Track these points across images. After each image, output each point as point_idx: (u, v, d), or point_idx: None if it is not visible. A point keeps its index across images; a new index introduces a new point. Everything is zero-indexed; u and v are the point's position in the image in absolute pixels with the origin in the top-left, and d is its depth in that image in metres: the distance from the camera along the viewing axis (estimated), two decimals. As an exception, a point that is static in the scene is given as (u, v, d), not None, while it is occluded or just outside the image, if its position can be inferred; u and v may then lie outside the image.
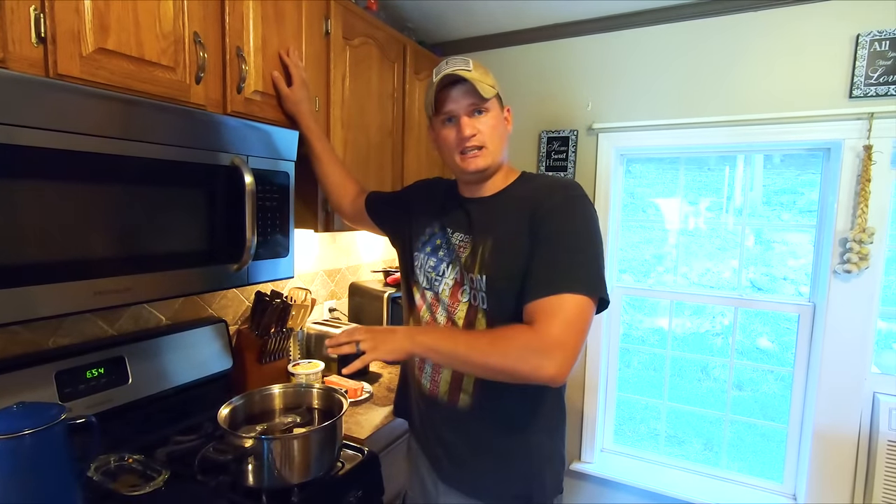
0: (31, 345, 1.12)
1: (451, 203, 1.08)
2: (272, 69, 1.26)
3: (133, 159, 0.95)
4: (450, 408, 1.02)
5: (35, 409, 0.87)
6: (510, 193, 1.01)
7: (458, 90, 0.95)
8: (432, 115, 1.01)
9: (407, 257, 1.13)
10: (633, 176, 2.21)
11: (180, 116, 1.03)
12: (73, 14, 0.85)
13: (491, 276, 0.94)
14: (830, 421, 1.73)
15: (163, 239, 1.02)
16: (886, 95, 1.59)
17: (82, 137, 0.86)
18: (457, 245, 1.02)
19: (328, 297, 2.01)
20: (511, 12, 2.01)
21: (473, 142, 0.96)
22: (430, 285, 1.05)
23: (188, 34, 1.05)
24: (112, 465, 1.07)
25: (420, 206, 1.14)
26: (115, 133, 0.91)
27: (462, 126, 0.95)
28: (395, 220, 1.20)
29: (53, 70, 0.83)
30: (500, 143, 0.99)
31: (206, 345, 1.42)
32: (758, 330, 3.44)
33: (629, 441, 2.30)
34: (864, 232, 1.62)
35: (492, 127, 0.97)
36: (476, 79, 0.93)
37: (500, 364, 0.82)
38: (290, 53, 1.30)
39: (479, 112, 0.96)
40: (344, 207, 1.37)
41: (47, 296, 0.84)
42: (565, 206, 0.91)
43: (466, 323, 0.98)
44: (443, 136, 1.00)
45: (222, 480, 1.04)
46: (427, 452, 1.10)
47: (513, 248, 0.92)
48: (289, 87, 1.29)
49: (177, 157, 1.03)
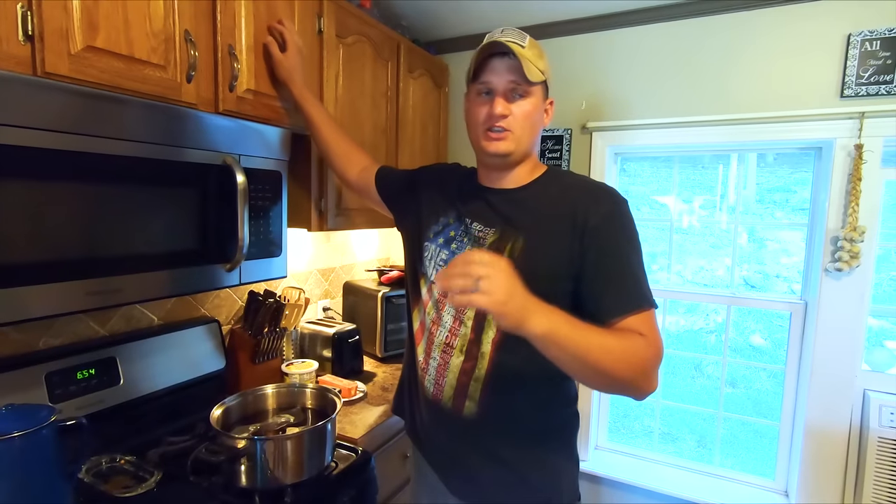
0: (22, 346, 1.11)
1: (470, 192, 1.00)
2: (264, 67, 1.25)
3: (123, 158, 0.94)
4: (454, 415, 0.95)
5: (24, 411, 0.87)
6: (543, 190, 0.94)
7: (504, 64, 0.87)
8: (469, 81, 0.93)
9: (415, 246, 1.05)
10: (628, 174, 2.22)
11: (171, 115, 1.03)
12: (61, 12, 0.84)
13: (520, 276, 0.89)
14: (822, 418, 1.75)
15: (154, 239, 1.02)
16: (877, 95, 1.60)
17: (71, 136, 0.86)
18: (475, 237, 0.94)
19: (322, 297, 2.00)
20: (504, 11, 2.00)
21: (501, 122, 0.89)
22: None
23: (179, 32, 1.04)
24: (104, 466, 1.06)
25: (432, 193, 1.06)
26: (104, 132, 0.90)
27: (495, 103, 0.88)
28: (403, 202, 1.13)
29: (41, 68, 0.82)
30: (531, 134, 0.92)
31: (199, 345, 1.41)
32: (751, 327, 3.46)
33: (623, 438, 2.31)
34: (855, 230, 1.63)
35: (526, 113, 0.90)
36: (527, 57, 0.85)
37: (628, 375, 0.76)
38: (286, 22, 1.25)
39: (518, 94, 0.89)
40: (349, 178, 1.28)
41: (37, 297, 0.84)
42: (620, 216, 0.88)
43: (476, 324, 0.92)
44: (473, 109, 0.93)
45: (215, 481, 1.03)
46: (430, 459, 1.04)
47: (551, 251, 0.87)
48: (282, 53, 1.24)
49: (168, 156, 1.02)
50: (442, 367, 0.96)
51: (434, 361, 0.97)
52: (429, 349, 0.99)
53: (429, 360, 0.99)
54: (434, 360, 0.97)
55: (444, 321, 0.96)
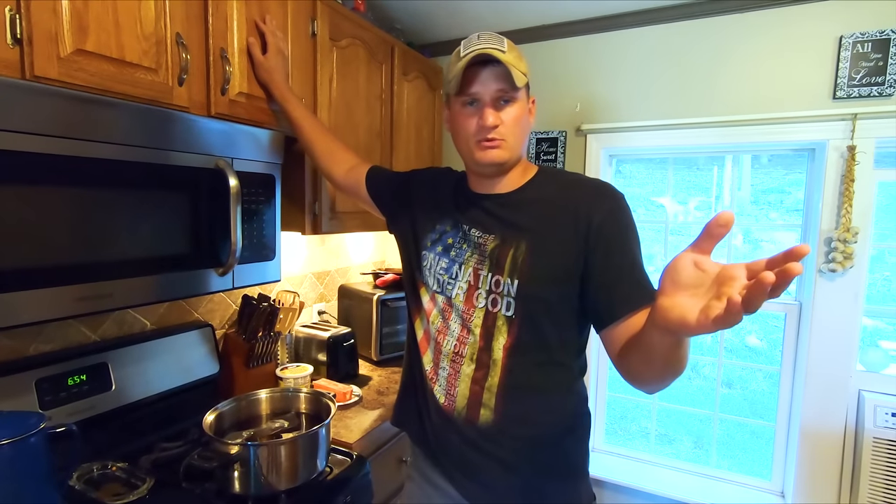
0: (11, 352, 1.09)
1: (464, 199, 0.99)
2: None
3: (114, 163, 0.93)
4: (469, 424, 0.92)
5: (13, 418, 0.85)
6: (539, 191, 0.93)
7: (489, 72, 0.85)
8: (453, 94, 0.90)
9: (412, 255, 1.04)
10: (623, 176, 2.22)
11: (163, 119, 1.02)
12: (50, 14, 0.83)
13: (524, 282, 0.86)
14: (817, 418, 1.75)
15: (145, 243, 1.01)
16: (869, 97, 1.61)
17: (60, 141, 0.85)
18: (475, 245, 0.93)
19: (317, 300, 2.00)
20: (499, 14, 2.01)
21: (494, 133, 0.87)
22: (441, 289, 0.96)
23: (170, 35, 1.03)
24: (95, 473, 1.05)
25: (426, 199, 1.04)
26: (95, 136, 0.89)
27: (485, 115, 0.86)
28: (395, 205, 1.11)
29: (30, 72, 0.82)
30: (522, 138, 0.91)
31: (192, 349, 1.40)
32: (747, 328, 3.47)
33: (620, 441, 2.31)
34: (848, 231, 1.63)
35: (516, 119, 0.88)
36: (511, 63, 0.83)
37: (685, 365, 0.71)
38: (268, 21, 1.24)
39: (504, 101, 0.87)
40: (336, 177, 1.24)
41: (25, 302, 0.83)
42: (621, 211, 0.87)
43: (485, 331, 0.90)
44: (460, 121, 0.90)
45: (208, 488, 1.03)
46: (443, 467, 1.00)
47: (555, 253, 0.86)
48: (263, 55, 1.23)
49: (159, 160, 1.02)
50: (453, 377, 0.94)
51: (444, 371, 0.95)
52: (437, 359, 0.97)
53: (437, 369, 0.96)
54: (444, 370, 0.95)
55: (452, 329, 0.94)
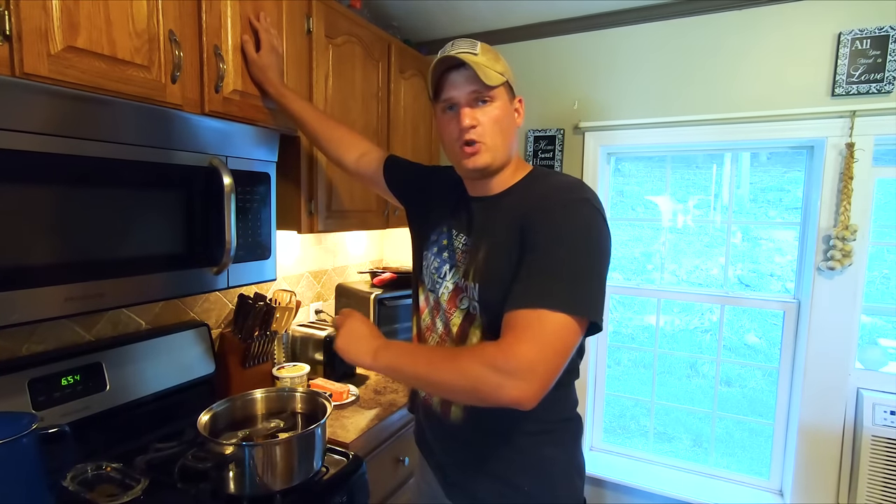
0: (4, 352, 1.08)
1: (459, 201, 1.00)
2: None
3: (106, 161, 0.92)
4: (442, 420, 0.96)
5: (4, 419, 0.85)
6: (514, 194, 0.92)
7: (460, 75, 0.87)
8: (433, 100, 0.93)
9: (417, 255, 1.06)
10: (622, 174, 2.22)
11: (156, 116, 1.01)
12: (39, 11, 0.82)
13: (482, 285, 0.87)
14: (815, 416, 1.75)
15: (138, 242, 1.00)
16: (868, 94, 1.61)
17: (51, 139, 0.84)
18: (459, 249, 0.94)
19: (314, 299, 1.99)
20: (497, 11, 2.00)
21: (471, 134, 0.87)
22: (433, 287, 0.98)
23: (163, 32, 1.02)
24: (89, 474, 1.04)
25: (438, 200, 1.05)
26: (86, 134, 0.89)
27: (462, 115, 0.87)
28: (413, 199, 1.12)
29: (19, 69, 0.81)
30: (505, 138, 0.90)
31: (188, 349, 1.39)
32: (745, 326, 3.47)
33: (619, 439, 2.30)
34: (846, 229, 1.63)
35: (494, 118, 0.88)
36: (480, 64, 0.84)
37: (461, 383, 0.74)
38: (262, 18, 1.22)
39: (482, 101, 0.88)
40: (347, 163, 1.25)
41: (15, 302, 0.82)
42: (563, 211, 0.81)
43: (460, 333, 0.91)
44: (443, 127, 0.92)
45: (203, 488, 1.02)
46: (431, 466, 1.04)
47: (503, 255, 0.84)
48: (257, 53, 1.22)
49: (153, 158, 1.01)
50: None
51: None
52: None
53: None
54: None
55: (437, 328, 0.97)
